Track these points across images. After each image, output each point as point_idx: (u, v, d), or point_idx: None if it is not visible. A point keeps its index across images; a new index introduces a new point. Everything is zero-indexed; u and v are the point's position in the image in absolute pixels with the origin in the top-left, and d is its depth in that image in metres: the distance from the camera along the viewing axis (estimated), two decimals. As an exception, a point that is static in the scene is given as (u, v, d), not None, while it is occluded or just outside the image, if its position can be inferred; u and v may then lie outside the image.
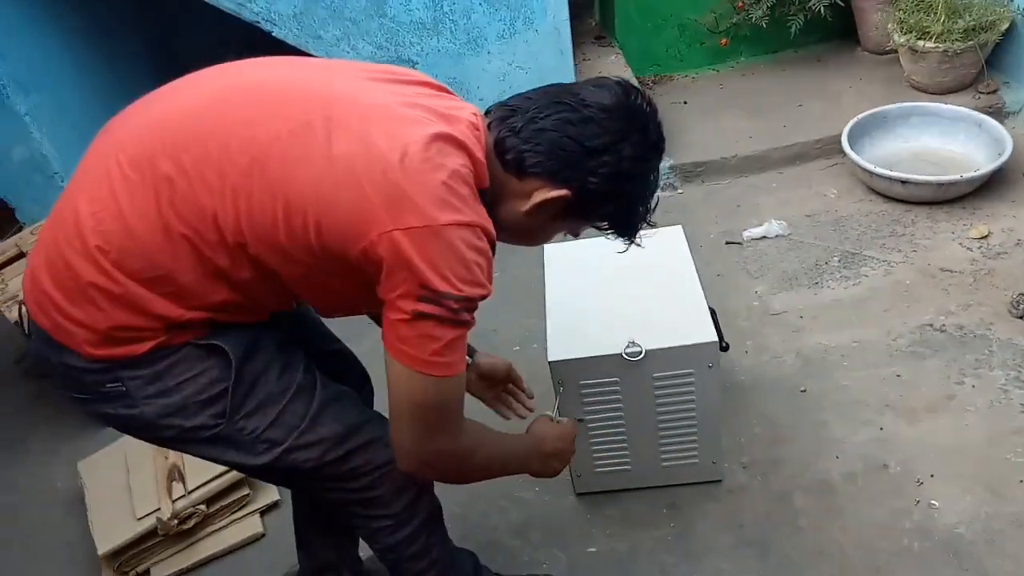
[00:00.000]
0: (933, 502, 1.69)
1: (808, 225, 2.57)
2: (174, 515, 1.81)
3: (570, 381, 1.64)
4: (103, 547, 1.82)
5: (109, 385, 1.07)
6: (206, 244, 1.01)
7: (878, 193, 2.61)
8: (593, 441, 1.74)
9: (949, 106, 2.69)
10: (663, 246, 1.84)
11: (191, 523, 1.85)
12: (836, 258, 2.40)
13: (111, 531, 1.83)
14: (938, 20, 2.69)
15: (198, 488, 1.87)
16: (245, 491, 1.94)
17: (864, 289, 2.27)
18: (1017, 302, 2.10)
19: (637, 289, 1.75)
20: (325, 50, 2.56)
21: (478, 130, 1.07)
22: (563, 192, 1.08)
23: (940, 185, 2.45)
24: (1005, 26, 2.69)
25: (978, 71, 2.79)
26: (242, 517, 1.92)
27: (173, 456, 1.95)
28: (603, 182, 1.08)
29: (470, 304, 1.01)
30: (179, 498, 1.84)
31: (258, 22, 2.50)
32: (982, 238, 2.36)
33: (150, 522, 1.82)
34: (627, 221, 1.18)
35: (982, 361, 1.97)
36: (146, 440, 1.19)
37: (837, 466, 1.80)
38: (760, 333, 2.19)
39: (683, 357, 1.59)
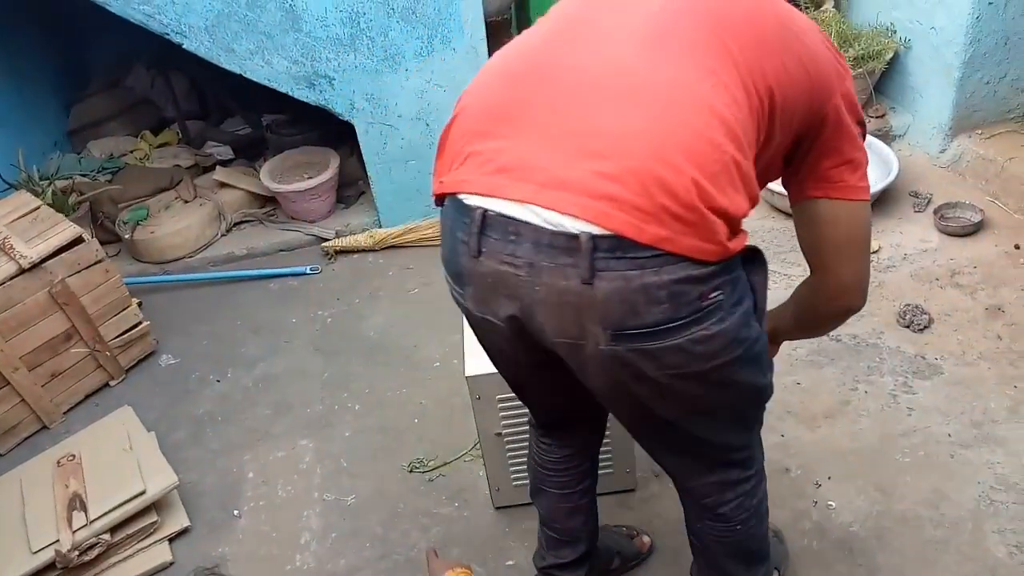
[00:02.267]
0: (830, 503, 1.79)
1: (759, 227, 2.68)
2: (74, 546, 1.73)
3: (486, 396, 1.66)
4: (-6, 584, 1.71)
5: (711, 296, 0.94)
6: (763, 114, 0.99)
7: (780, 211, 2.75)
8: (510, 455, 1.77)
9: (843, 129, 2.87)
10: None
11: (94, 554, 1.77)
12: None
13: (3, 567, 1.73)
14: (831, 48, 2.87)
15: (101, 516, 1.79)
16: (153, 518, 1.87)
17: (767, 303, 2.38)
18: (904, 312, 2.25)
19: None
20: (238, 64, 2.52)
21: None
22: None
23: (835, 203, 2.60)
24: (890, 55, 2.89)
25: (867, 97, 2.99)
26: (149, 545, 1.85)
27: (74, 484, 1.86)
28: None
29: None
30: (80, 528, 1.76)
31: (167, 34, 2.43)
32: (873, 253, 2.52)
33: (48, 555, 1.73)
34: None
35: (874, 368, 2.11)
36: (686, 376, 0.99)
37: (743, 471, 1.88)
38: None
39: (596, 370, 1.63)
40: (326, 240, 2.91)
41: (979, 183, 2.74)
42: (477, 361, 1.67)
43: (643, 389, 1.00)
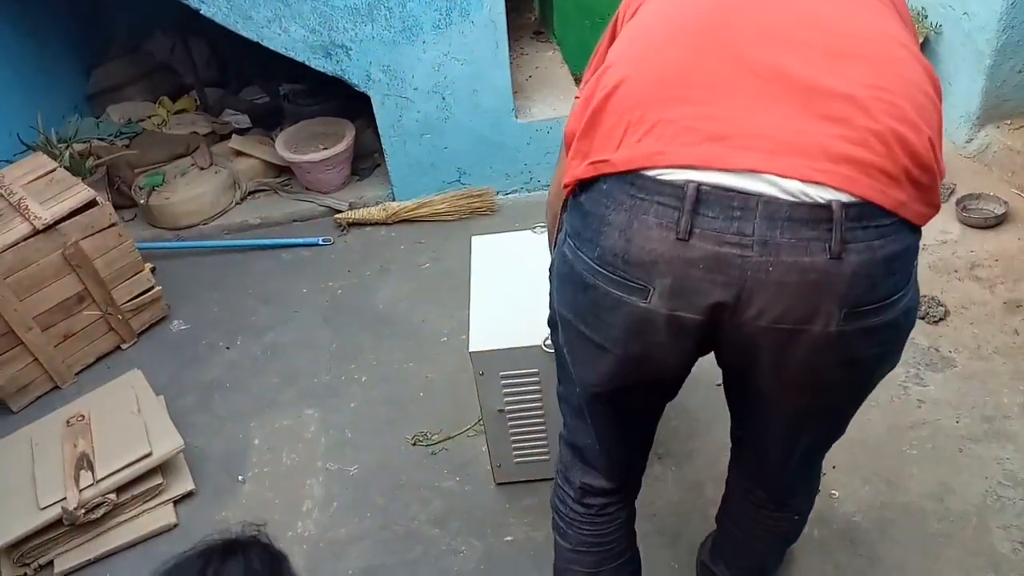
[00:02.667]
0: (834, 492, 1.77)
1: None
2: (81, 504, 1.75)
3: (490, 372, 1.66)
4: (1, 539, 1.74)
5: (915, 263, 0.91)
6: None
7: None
8: (513, 432, 1.77)
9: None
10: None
11: (99, 513, 1.80)
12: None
13: (11, 522, 1.76)
14: (859, 32, 2.80)
15: (108, 477, 1.81)
16: (158, 480, 1.89)
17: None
18: (920, 303, 2.21)
19: (560, 282, 1.78)
20: (255, 31, 2.50)
21: None
22: None
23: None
24: (920, 41, 2.81)
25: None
26: (154, 507, 1.88)
27: (83, 444, 1.88)
28: None
29: None
30: (87, 487, 1.78)
31: (186, 0, 2.42)
32: (891, 242, 2.48)
33: (54, 512, 1.76)
34: None
35: (885, 359, 2.08)
36: (883, 354, 0.94)
37: (747, 457, 1.87)
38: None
39: (602, 350, 1.62)
40: (339, 212, 2.90)
41: (1005, 175, 2.68)
42: (482, 336, 1.67)
43: (840, 375, 0.93)
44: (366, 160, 3.12)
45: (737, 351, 0.93)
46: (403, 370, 2.26)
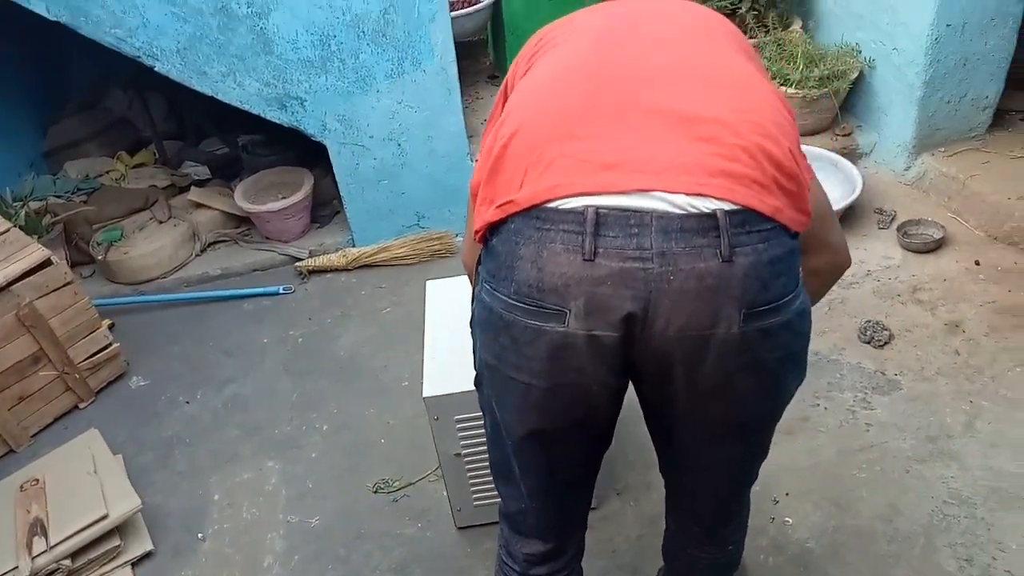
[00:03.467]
0: (787, 519, 1.81)
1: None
2: (34, 572, 1.73)
3: (445, 416, 1.68)
4: (-46, 610, 1.71)
5: (789, 271, 0.97)
6: None
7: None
8: (471, 475, 1.78)
9: (808, 147, 2.92)
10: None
11: (54, 579, 1.77)
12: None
13: (-36, 592, 1.73)
14: (797, 68, 2.92)
15: (62, 542, 1.79)
16: (116, 542, 1.87)
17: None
18: (865, 328, 2.29)
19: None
20: (210, 86, 2.54)
21: None
22: None
23: (799, 221, 2.64)
24: (855, 75, 2.94)
25: (834, 115, 3.04)
26: (111, 570, 1.85)
27: (36, 509, 1.86)
28: None
29: None
30: (40, 554, 1.76)
31: (139, 57, 2.46)
32: (837, 269, 2.56)
33: (8, 580, 1.73)
34: None
35: (834, 384, 2.14)
36: (782, 357, 0.99)
37: (703, 489, 1.90)
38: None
39: (553, 390, 1.65)
40: (300, 260, 2.92)
41: (942, 200, 2.79)
42: (435, 381, 1.69)
43: (750, 380, 0.98)
44: (326, 207, 3.15)
45: (653, 368, 0.97)
46: (364, 417, 2.27)
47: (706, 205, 0.88)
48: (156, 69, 2.50)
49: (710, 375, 0.95)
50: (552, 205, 0.91)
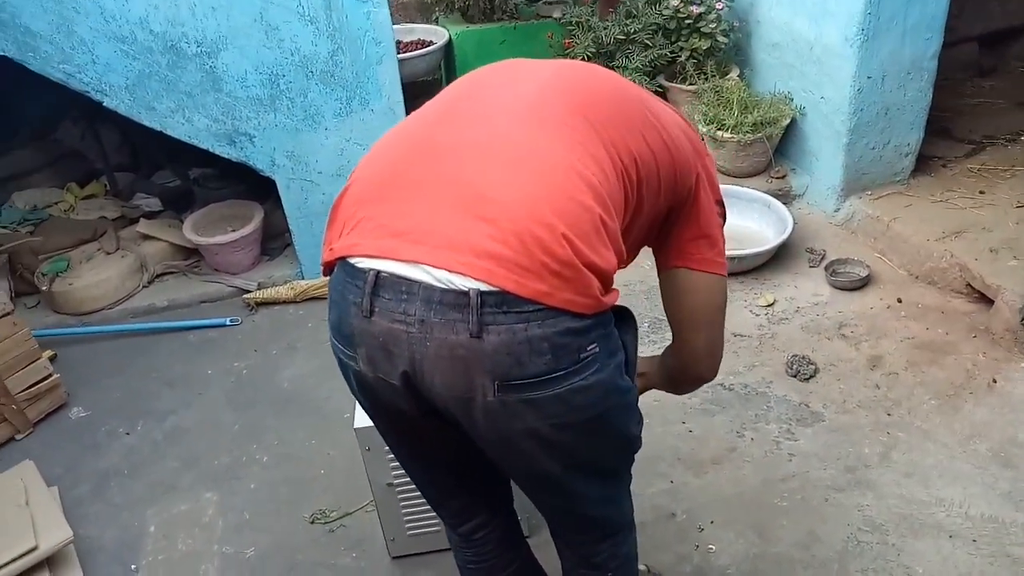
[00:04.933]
0: (711, 547, 1.87)
1: (624, 294, 2.79)
2: (-43, 605, 1.70)
3: (375, 446, 1.71)
4: None
5: (589, 348, 1.01)
6: (630, 182, 1.10)
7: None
8: (404, 505, 1.81)
9: (744, 188, 3.06)
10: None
11: (-21, 613, 1.75)
12: (647, 324, 2.64)
13: None
14: (732, 115, 3.07)
15: (-12, 574, 1.77)
16: (45, 574, 1.85)
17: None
18: (792, 362, 2.39)
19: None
20: (159, 121, 2.59)
21: None
22: None
23: (732, 258, 2.76)
24: (787, 121, 3.10)
25: (768, 159, 3.19)
26: (39, 603, 1.83)
27: (-37, 541, 1.83)
28: None
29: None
30: (-35, 586, 1.74)
31: (88, 92, 2.50)
32: (768, 305, 2.67)
33: (-71, 615, 1.70)
34: None
35: (760, 416, 2.22)
36: (566, 425, 1.05)
37: (632, 518, 1.96)
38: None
39: (484, 421, 1.70)
40: (248, 292, 2.95)
41: (868, 240, 2.94)
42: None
43: (528, 442, 1.06)
44: (277, 240, 3.19)
45: (445, 413, 1.06)
46: (305, 448, 2.28)
47: (464, 283, 0.95)
48: (105, 104, 2.54)
49: (487, 432, 1.05)
50: (351, 261, 1.02)
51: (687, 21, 3.26)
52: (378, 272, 0.99)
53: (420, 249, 0.98)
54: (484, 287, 0.95)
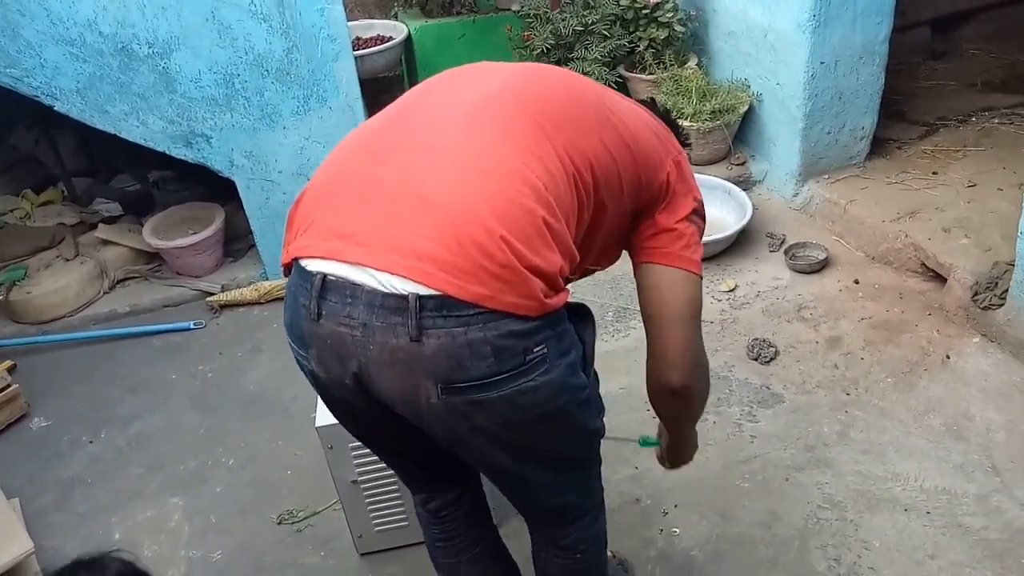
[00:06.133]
0: (675, 529, 1.90)
1: (588, 283, 2.82)
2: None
3: (339, 444, 1.72)
4: None
5: (535, 350, 1.01)
6: (584, 184, 1.10)
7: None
8: (369, 501, 1.82)
9: (705, 176, 3.08)
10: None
11: (-61, 628, 1.72)
12: (611, 313, 2.66)
13: None
14: (691, 103, 3.10)
15: (-52, 589, 1.74)
16: (7, 587, 1.83)
17: (632, 340, 2.52)
18: (752, 346, 2.42)
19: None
20: (112, 124, 2.55)
21: None
22: None
23: (694, 246, 2.79)
24: (744, 109, 3.14)
25: (728, 146, 3.23)
26: (1, 615, 1.81)
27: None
28: None
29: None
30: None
31: (37, 96, 2.46)
32: (730, 291, 2.71)
33: None
34: None
35: (723, 399, 2.26)
36: (516, 424, 1.06)
37: (598, 504, 1.98)
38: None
39: (445, 414, 1.71)
40: (211, 294, 2.92)
41: (826, 224, 2.98)
42: (328, 412, 1.72)
43: (479, 439, 1.08)
44: (240, 242, 3.16)
45: (398, 411, 1.08)
46: (271, 449, 2.28)
47: (404, 287, 0.96)
48: (56, 108, 2.50)
49: (437, 430, 1.07)
50: (302, 263, 1.04)
51: (644, 11, 3.28)
52: (325, 276, 1.00)
53: (363, 251, 0.99)
54: (424, 291, 0.96)
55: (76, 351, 2.76)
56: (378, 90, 3.49)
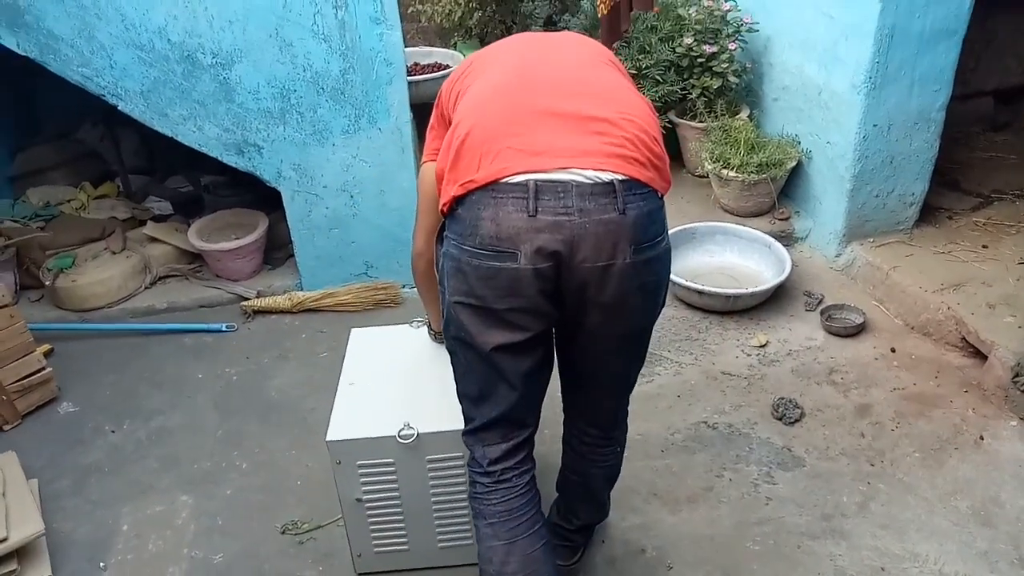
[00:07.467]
0: (678, 586, 1.85)
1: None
2: (-77, 589, 1.72)
3: (347, 461, 1.72)
4: None
5: (664, 221, 1.39)
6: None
7: (681, 300, 2.89)
8: (372, 521, 1.81)
9: (746, 228, 3.06)
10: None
11: (-55, 599, 1.76)
12: (637, 357, 2.63)
13: None
14: (738, 153, 3.08)
15: (-43, 561, 1.79)
16: (13, 566, 1.87)
17: (655, 387, 2.49)
18: (777, 405, 2.37)
19: (428, 374, 1.88)
20: (171, 127, 2.65)
21: None
22: None
23: (728, 297, 2.76)
24: (792, 164, 3.11)
25: (773, 200, 3.19)
26: (5, 593, 1.85)
27: (-63, 526, 1.86)
28: None
29: None
30: (-67, 571, 1.76)
31: (103, 95, 2.57)
32: (761, 346, 2.66)
33: None
34: None
35: (741, 457, 2.20)
36: (657, 282, 1.41)
37: (602, 550, 1.94)
38: (555, 422, 2.34)
39: (455, 440, 1.70)
40: (246, 299, 2.98)
41: (867, 288, 2.92)
42: (341, 425, 1.74)
43: (637, 299, 1.37)
44: (280, 250, 3.23)
45: (574, 290, 1.34)
46: (285, 458, 2.30)
47: (605, 177, 1.28)
48: (120, 108, 2.60)
49: (612, 293, 1.34)
50: (504, 181, 1.28)
51: (700, 60, 3.29)
52: (537, 181, 1.27)
53: (563, 159, 1.28)
54: (620, 177, 1.28)
55: (111, 342, 2.84)
56: (426, 115, 3.56)
